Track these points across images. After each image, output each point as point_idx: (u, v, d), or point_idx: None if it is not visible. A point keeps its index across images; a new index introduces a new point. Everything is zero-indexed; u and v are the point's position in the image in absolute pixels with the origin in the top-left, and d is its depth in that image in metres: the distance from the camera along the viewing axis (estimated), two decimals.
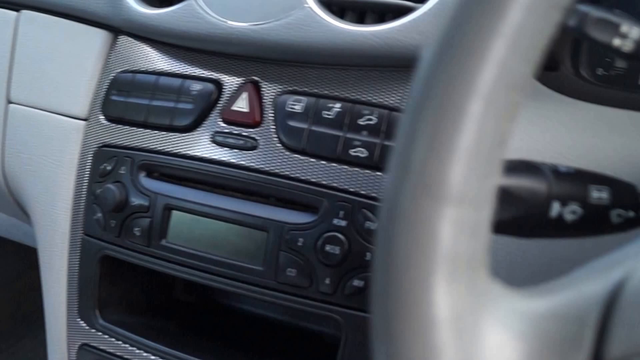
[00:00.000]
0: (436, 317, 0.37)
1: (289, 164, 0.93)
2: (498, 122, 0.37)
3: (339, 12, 0.92)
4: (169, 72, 1.04)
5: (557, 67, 0.81)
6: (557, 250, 0.76)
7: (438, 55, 0.37)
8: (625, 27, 0.55)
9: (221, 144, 0.98)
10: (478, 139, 0.37)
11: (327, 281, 0.89)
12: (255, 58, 0.98)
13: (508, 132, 0.38)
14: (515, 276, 0.78)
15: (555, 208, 0.57)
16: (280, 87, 0.96)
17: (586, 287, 0.39)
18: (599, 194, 0.59)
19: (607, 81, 0.81)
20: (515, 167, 0.58)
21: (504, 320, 0.38)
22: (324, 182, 0.91)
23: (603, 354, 0.37)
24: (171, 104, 1.01)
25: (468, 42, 0.37)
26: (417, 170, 0.37)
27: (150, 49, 1.07)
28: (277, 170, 0.94)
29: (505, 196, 0.56)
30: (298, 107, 0.93)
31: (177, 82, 1.02)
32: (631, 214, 0.60)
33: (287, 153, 0.94)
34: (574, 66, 0.81)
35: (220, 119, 0.99)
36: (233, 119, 0.98)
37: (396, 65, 0.88)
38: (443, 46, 0.38)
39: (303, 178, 0.92)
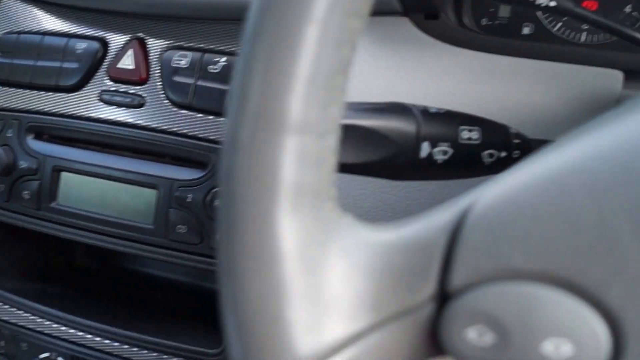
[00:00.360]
0: (280, 250, 0.36)
1: (177, 120, 0.92)
2: (336, 48, 0.36)
3: None
4: (54, 32, 1.02)
5: (438, 15, 0.81)
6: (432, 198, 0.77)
7: None
8: None
9: (108, 102, 0.96)
10: (315, 65, 0.36)
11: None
12: (140, 15, 0.97)
13: (348, 59, 0.37)
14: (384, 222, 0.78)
15: (425, 148, 0.57)
16: (165, 43, 0.95)
17: (434, 218, 0.38)
18: (469, 134, 0.59)
19: (491, 30, 0.82)
20: (385, 108, 0.58)
21: (350, 252, 0.37)
22: (211, 137, 0.90)
23: (448, 284, 0.36)
24: (57, 64, 0.99)
25: None
26: (254, 100, 0.36)
27: (35, 9, 1.04)
28: (165, 127, 0.93)
29: (374, 137, 0.56)
30: (184, 63, 0.92)
31: (62, 41, 1.00)
32: (503, 154, 0.61)
33: (174, 109, 0.93)
34: (457, 15, 0.82)
35: (107, 77, 0.97)
36: (119, 77, 0.96)
37: None
38: None
39: (191, 134, 0.91)
